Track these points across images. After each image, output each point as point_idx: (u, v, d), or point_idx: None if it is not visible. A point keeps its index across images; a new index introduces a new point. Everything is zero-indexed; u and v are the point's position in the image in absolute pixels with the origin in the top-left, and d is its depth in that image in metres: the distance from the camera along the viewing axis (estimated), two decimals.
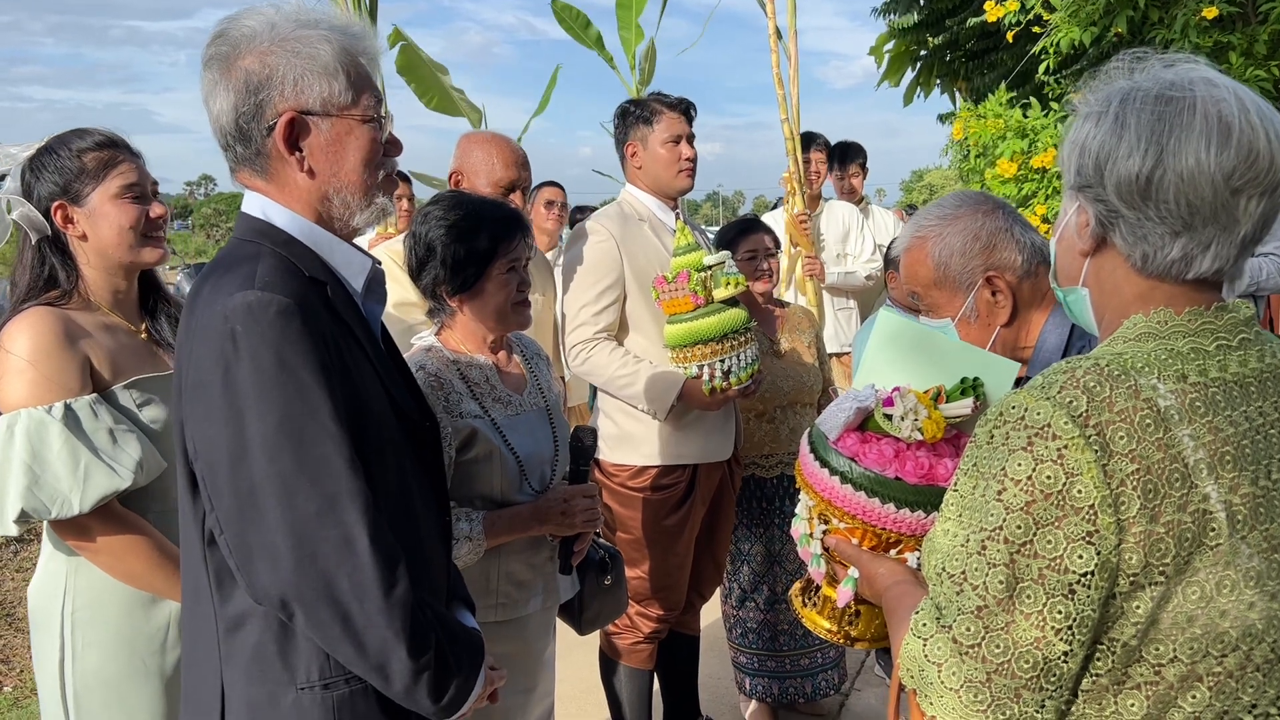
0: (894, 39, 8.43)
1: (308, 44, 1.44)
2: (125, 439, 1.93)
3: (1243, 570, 1.08)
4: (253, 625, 1.42)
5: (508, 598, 2.25)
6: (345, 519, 1.34)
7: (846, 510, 1.47)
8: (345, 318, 1.47)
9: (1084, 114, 1.21)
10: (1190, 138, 1.10)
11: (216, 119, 1.47)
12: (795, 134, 5.25)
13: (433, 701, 1.42)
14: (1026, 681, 1.08)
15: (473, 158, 2.97)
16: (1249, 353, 1.16)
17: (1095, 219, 1.19)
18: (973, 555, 1.10)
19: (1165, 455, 1.07)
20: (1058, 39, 5.83)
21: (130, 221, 2.03)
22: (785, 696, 3.64)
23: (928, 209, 1.87)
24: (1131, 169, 1.13)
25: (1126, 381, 1.10)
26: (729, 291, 2.97)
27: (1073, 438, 1.07)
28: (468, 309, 2.23)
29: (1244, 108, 1.11)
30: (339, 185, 1.48)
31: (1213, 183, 1.10)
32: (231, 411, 1.33)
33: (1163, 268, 1.16)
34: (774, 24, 5.21)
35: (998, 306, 1.75)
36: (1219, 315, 1.16)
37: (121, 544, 1.92)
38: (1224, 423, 1.10)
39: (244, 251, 1.45)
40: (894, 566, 1.43)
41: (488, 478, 2.19)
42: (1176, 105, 1.12)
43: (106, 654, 1.98)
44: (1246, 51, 5.49)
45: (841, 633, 1.60)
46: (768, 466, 3.58)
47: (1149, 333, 1.16)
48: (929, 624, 1.15)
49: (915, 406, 1.48)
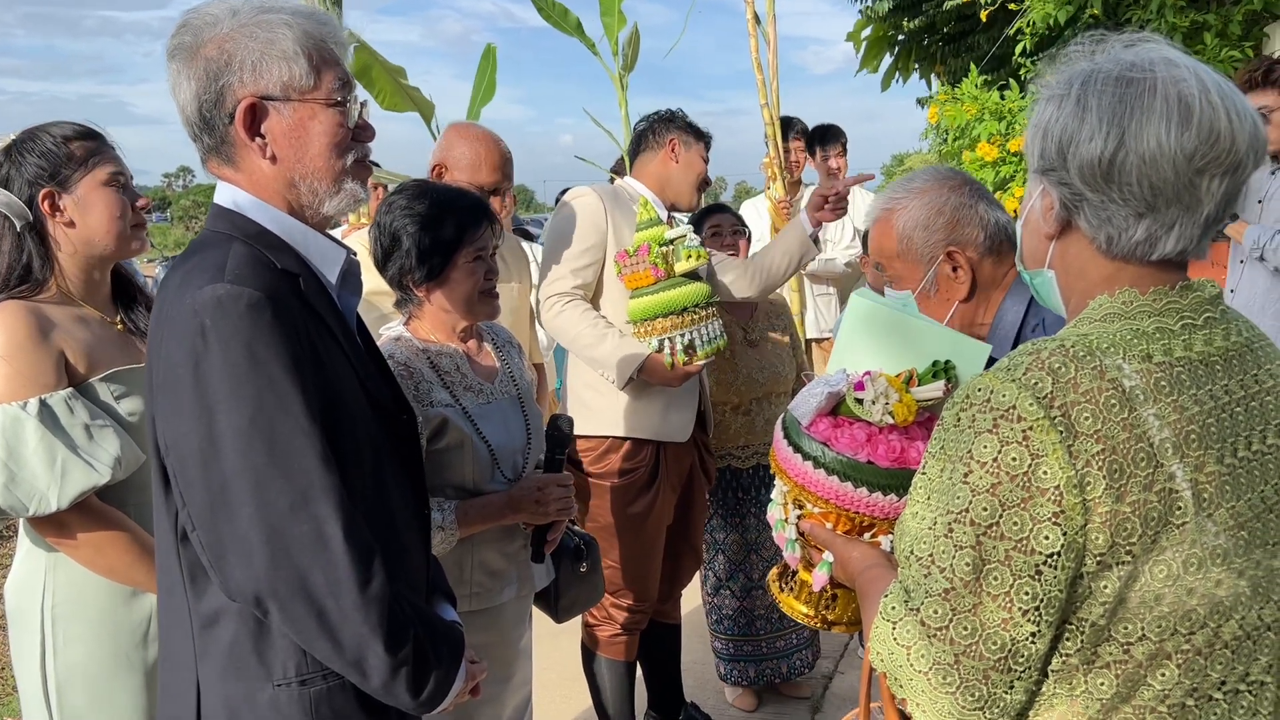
0: (871, 24, 8.42)
1: (267, 28, 1.42)
2: (102, 434, 1.91)
3: (1209, 548, 1.09)
4: (227, 622, 1.41)
5: (481, 587, 2.24)
6: (319, 514, 1.33)
7: (820, 495, 1.48)
8: (319, 310, 1.46)
9: (1046, 97, 1.21)
10: (1151, 119, 1.10)
11: (183, 109, 1.45)
12: (775, 120, 5.24)
13: (412, 696, 1.41)
14: (995, 663, 1.08)
15: (457, 152, 2.93)
16: (1214, 331, 1.17)
17: (1060, 202, 1.20)
18: (940, 538, 1.11)
19: (1130, 435, 1.07)
20: (1033, 17, 5.84)
21: (119, 210, 2.03)
22: (762, 679, 3.69)
23: (897, 183, 1.90)
24: (1094, 151, 1.13)
25: (1091, 362, 1.10)
26: (690, 265, 2.99)
27: (1038, 419, 1.07)
28: (435, 298, 2.21)
29: (1204, 87, 1.11)
30: (304, 171, 1.46)
31: (1175, 163, 1.10)
32: (202, 407, 1.32)
33: (1128, 249, 1.17)
34: (752, 9, 5.20)
35: (957, 281, 1.78)
36: (1184, 294, 1.17)
37: (101, 539, 1.91)
38: (1189, 401, 1.11)
39: (214, 243, 1.44)
40: (867, 550, 1.44)
41: (459, 467, 2.18)
42: (1137, 86, 1.12)
43: (88, 648, 1.97)
44: (1221, 32, 5.51)
45: (818, 617, 1.61)
46: (743, 457, 3.59)
47: (1114, 313, 1.16)
48: (897, 607, 1.15)
49: (886, 390, 1.48)
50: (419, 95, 7.10)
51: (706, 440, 3.34)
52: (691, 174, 3.22)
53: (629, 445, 3.12)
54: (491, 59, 8.49)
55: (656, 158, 3.23)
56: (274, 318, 1.34)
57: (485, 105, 8.51)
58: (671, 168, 3.21)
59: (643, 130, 3.29)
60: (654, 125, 3.26)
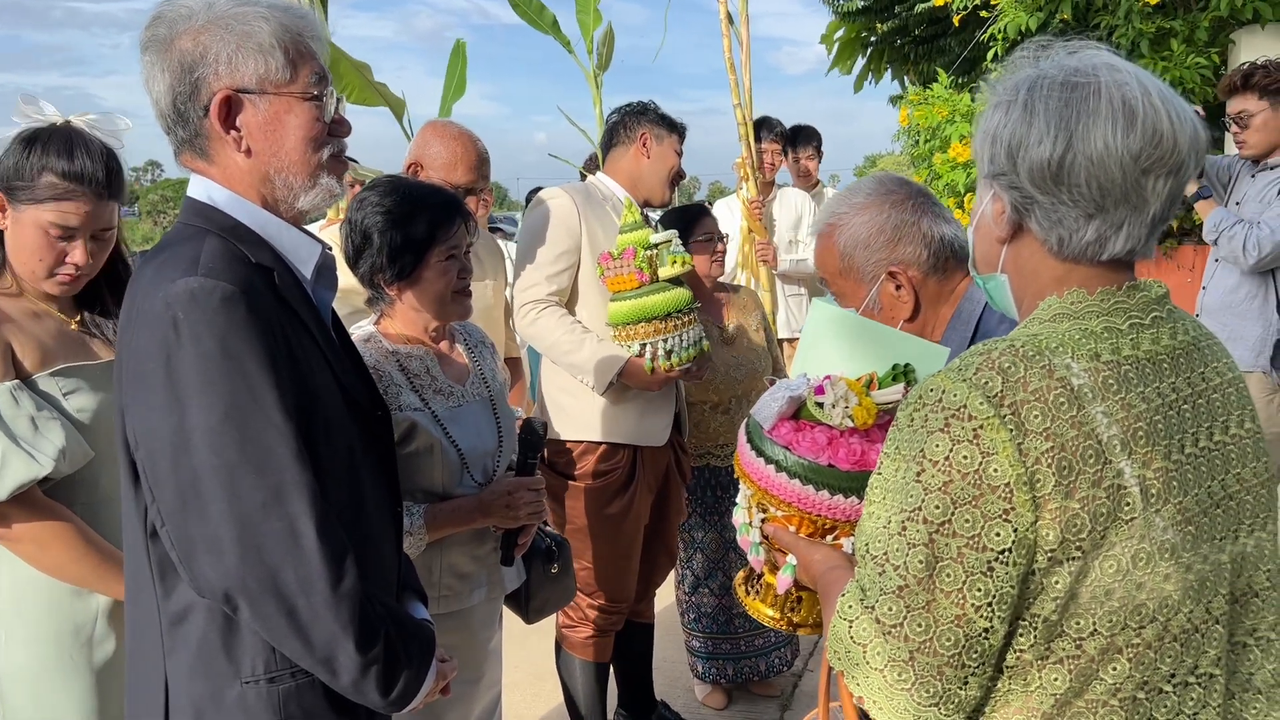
0: (843, 25, 8.47)
1: (243, 21, 1.41)
2: (48, 426, 1.86)
3: (1157, 543, 1.11)
4: (196, 619, 1.39)
5: (450, 590, 2.22)
6: (291, 511, 1.32)
7: (782, 498, 1.49)
8: (293, 305, 1.45)
9: (994, 103, 1.24)
10: (1097, 122, 1.14)
11: (157, 102, 1.44)
12: (748, 120, 5.26)
13: (381, 695, 1.41)
14: (949, 659, 1.10)
15: (432, 151, 2.90)
16: (1161, 330, 1.20)
17: (1011, 205, 1.22)
18: (893, 536, 1.12)
19: (1079, 433, 1.09)
20: (1005, 23, 5.89)
21: (41, 254, 1.92)
22: (740, 676, 3.69)
23: (841, 194, 1.88)
24: (1043, 155, 1.16)
25: (1041, 361, 1.13)
26: (674, 270, 2.96)
27: (988, 417, 1.09)
28: (406, 297, 2.18)
29: (1146, 91, 1.15)
30: (279, 165, 1.46)
31: (1121, 164, 1.14)
32: (173, 401, 1.30)
33: (1078, 250, 1.19)
34: (725, 9, 5.21)
35: (900, 301, 1.76)
36: (1131, 294, 1.20)
37: (44, 534, 1.86)
38: (1136, 399, 1.13)
39: (187, 237, 1.42)
40: (829, 552, 1.45)
41: (428, 471, 2.16)
42: (1082, 91, 1.15)
43: (31, 649, 1.92)
44: (1188, 38, 5.59)
45: (784, 619, 1.62)
46: (723, 456, 3.59)
47: (1063, 313, 1.19)
48: (853, 605, 1.17)
49: (846, 394, 1.50)
50: (387, 91, 7.06)
51: (682, 441, 3.33)
52: (663, 169, 3.18)
53: (606, 448, 3.10)
54: (461, 55, 8.43)
55: (628, 153, 3.19)
56: (248, 312, 1.33)
57: (457, 101, 8.45)
58: (643, 163, 3.17)
59: (614, 124, 3.24)
60: (625, 119, 3.21)
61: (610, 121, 3.28)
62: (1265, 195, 3.61)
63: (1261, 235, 3.48)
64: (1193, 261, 5.57)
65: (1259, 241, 3.48)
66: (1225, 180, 3.86)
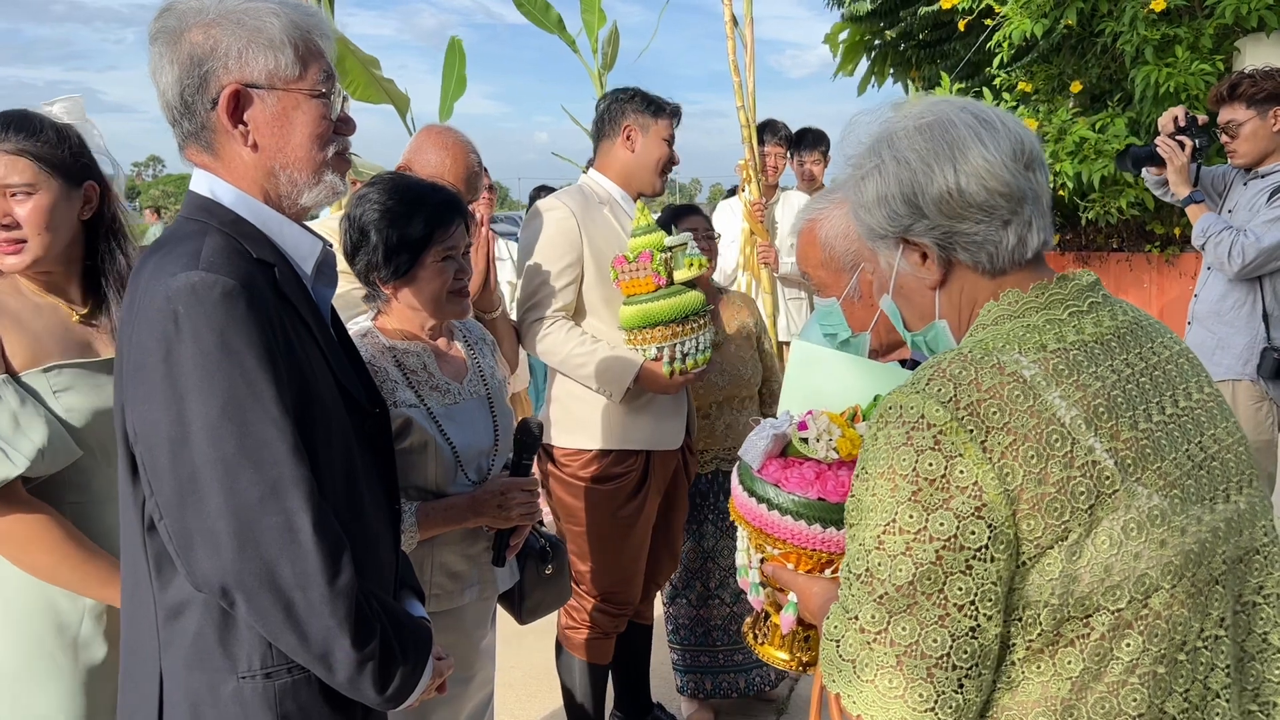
0: (848, 28, 8.46)
1: (254, 16, 1.42)
2: (30, 424, 1.82)
3: (1145, 511, 1.13)
4: (192, 613, 1.39)
5: (441, 589, 2.21)
6: (288, 506, 1.32)
7: (778, 536, 1.50)
8: (293, 301, 1.45)
9: (860, 176, 1.32)
10: (968, 143, 1.23)
11: (163, 94, 1.44)
12: (751, 122, 5.26)
13: (377, 692, 1.41)
14: (937, 660, 1.10)
15: (424, 157, 2.87)
16: (1101, 314, 1.25)
17: (935, 246, 1.28)
18: (871, 552, 1.14)
19: (1039, 420, 1.12)
20: (1010, 30, 5.89)
21: None
22: (719, 691, 3.59)
23: (821, 194, 1.97)
24: (941, 187, 1.24)
25: (989, 361, 1.16)
26: (691, 273, 2.94)
27: (946, 422, 1.12)
28: (402, 295, 2.17)
29: (984, 107, 1.26)
30: (285, 161, 1.46)
31: (1007, 167, 1.22)
32: (173, 394, 1.30)
33: (1007, 258, 1.26)
34: (730, 11, 5.21)
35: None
36: (1063, 285, 1.26)
37: (25, 533, 1.82)
38: (1090, 379, 1.17)
39: (189, 230, 1.42)
40: (827, 585, 1.46)
41: (422, 468, 2.15)
42: (938, 126, 1.25)
43: (10, 650, 1.89)
44: (1192, 45, 5.59)
45: (795, 660, 1.63)
46: (702, 462, 3.53)
47: (1003, 315, 1.24)
48: (839, 624, 1.18)
49: (828, 427, 1.53)
50: (393, 88, 7.05)
51: (690, 441, 3.31)
52: (651, 160, 3.11)
53: (619, 452, 3.08)
54: (459, 52, 8.42)
55: (614, 146, 3.12)
56: (248, 307, 1.33)
57: (457, 100, 8.44)
58: (629, 157, 3.11)
59: (600, 113, 3.16)
60: (610, 108, 3.13)
61: (598, 110, 3.20)
62: (1255, 203, 3.62)
63: (1247, 242, 3.49)
64: (1195, 269, 5.57)
65: (1244, 248, 3.49)
66: (1220, 189, 3.86)
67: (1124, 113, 5.86)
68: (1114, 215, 5.97)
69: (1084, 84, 6.25)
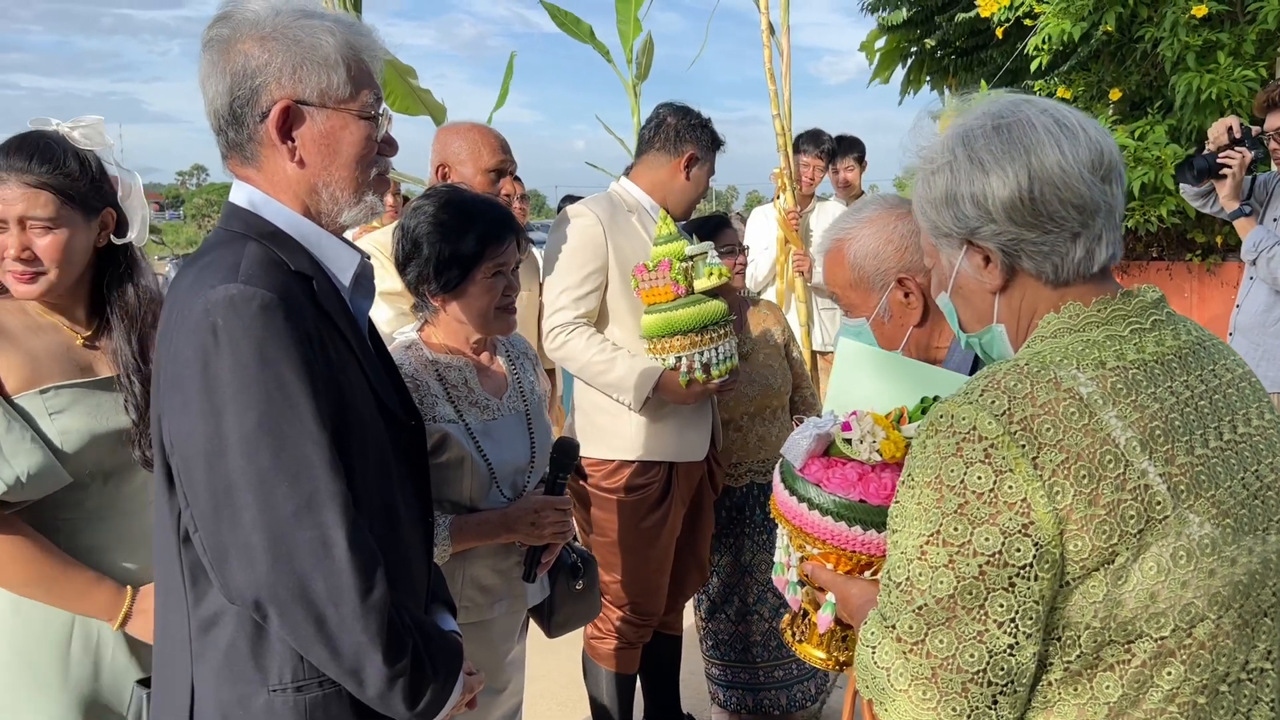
0: (885, 35, 8.42)
1: (310, 33, 1.42)
2: (16, 449, 1.79)
3: (1195, 539, 1.10)
4: (226, 625, 1.40)
5: (472, 602, 2.22)
6: (323, 520, 1.32)
7: (817, 536, 1.49)
8: (331, 313, 1.46)
9: (931, 171, 1.28)
10: (1045, 149, 1.19)
11: (211, 102, 1.45)
12: (787, 130, 5.24)
13: (408, 707, 1.41)
14: (973, 675, 1.09)
15: (455, 148, 2.93)
16: (1163, 332, 1.21)
17: (1000, 251, 1.24)
18: (913, 561, 1.13)
19: (1094, 440, 1.10)
20: (1048, 31, 5.82)
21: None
22: (760, 708, 3.56)
23: (847, 213, 1.94)
24: (1011, 193, 1.20)
25: (1046, 375, 1.14)
26: (711, 282, 2.92)
27: (998, 436, 1.10)
28: (450, 309, 2.19)
29: (1064, 111, 1.21)
30: (328, 179, 1.47)
31: (1083, 179, 1.19)
32: (210, 406, 1.31)
33: (1072, 270, 1.23)
34: (766, 19, 5.20)
35: (909, 307, 1.82)
36: (1126, 301, 1.22)
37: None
38: (1148, 400, 1.14)
39: (228, 242, 1.43)
40: (866, 587, 1.45)
41: (457, 483, 2.16)
42: (1018, 128, 1.21)
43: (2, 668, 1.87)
44: (1234, 51, 5.50)
45: (831, 659, 1.62)
46: (736, 475, 3.51)
47: (1063, 328, 1.21)
48: (875, 631, 1.17)
49: (872, 429, 1.50)
50: (430, 98, 7.11)
51: (715, 453, 3.29)
52: (696, 192, 3.14)
53: (642, 462, 3.07)
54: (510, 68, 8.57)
55: (667, 165, 3.10)
56: (286, 320, 1.34)
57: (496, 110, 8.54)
58: (679, 181, 3.11)
59: (662, 123, 3.11)
60: (677, 126, 3.09)
61: (659, 117, 3.14)
62: None
63: None
64: (1237, 278, 5.48)
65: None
66: (1262, 197, 3.79)
67: (1164, 120, 5.78)
68: (1154, 223, 5.88)
69: (1123, 91, 6.17)
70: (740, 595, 3.54)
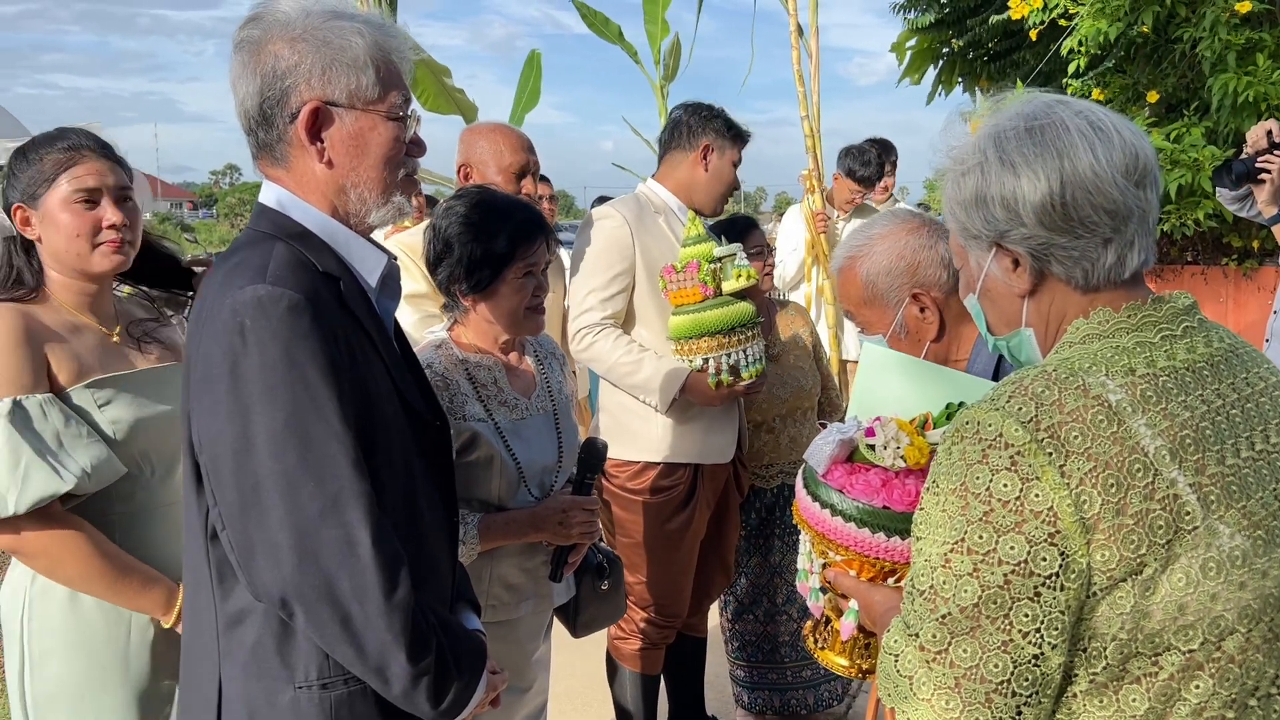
0: (916, 36, 8.36)
1: (339, 34, 1.43)
2: (75, 442, 1.85)
3: (1225, 551, 1.09)
4: (252, 622, 1.41)
5: (499, 600, 2.23)
6: (348, 519, 1.33)
7: (840, 543, 1.48)
8: (358, 314, 1.47)
9: (961, 172, 1.25)
10: (1078, 152, 1.16)
11: (242, 103, 1.46)
12: (815, 131, 5.22)
13: (432, 706, 1.41)
14: (997, 685, 1.08)
15: (478, 149, 2.93)
16: (1195, 339, 1.19)
17: (1029, 255, 1.22)
18: (937, 569, 1.11)
19: (1122, 448, 1.08)
20: (1083, 33, 5.75)
21: (77, 229, 1.92)
22: (787, 708, 3.56)
23: (857, 230, 1.94)
24: (1042, 197, 1.17)
25: (1074, 382, 1.12)
26: (740, 284, 2.90)
27: (1025, 443, 1.09)
28: (480, 309, 2.20)
29: (1099, 113, 1.18)
30: (356, 180, 1.47)
31: (1116, 184, 1.16)
32: (238, 406, 1.33)
33: (1103, 276, 1.21)
34: (795, 20, 5.19)
35: (925, 322, 1.82)
36: (1157, 307, 1.20)
37: (58, 548, 1.84)
38: (1179, 408, 1.12)
39: (256, 242, 1.45)
40: (889, 594, 1.44)
41: (486, 482, 2.17)
42: (1051, 130, 1.18)
43: (65, 662, 1.92)
44: (1275, 53, 5.41)
45: (854, 667, 1.62)
46: (767, 477, 3.50)
47: (1093, 334, 1.19)
48: (898, 639, 1.16)
49: (896, 434, 1.49)
50: (462, 97, 7.14)
51: (741, 455, 3.28)
52: (720, 184, 3.11)
53: (667, 464, 3.06)
54: (536, 65, 8.53)
55: (686, 160, 3.10)
56: (313, 321, 1.35)
57: (529, 111, 8.54)
58: (700, 174, 3.10)
59: (676, 122, 3.13)
60: (689, 121, 3.10)
61: (673, 118, 3.16)
62: None
63: None
64: (1275, 284, 5.39)
65: None
66: None
67: (1200, 122, 5.70)
68: (1190, 227, 5.80)
69: (1160, 93, 6.10)
70: (769, 596, 3.54)
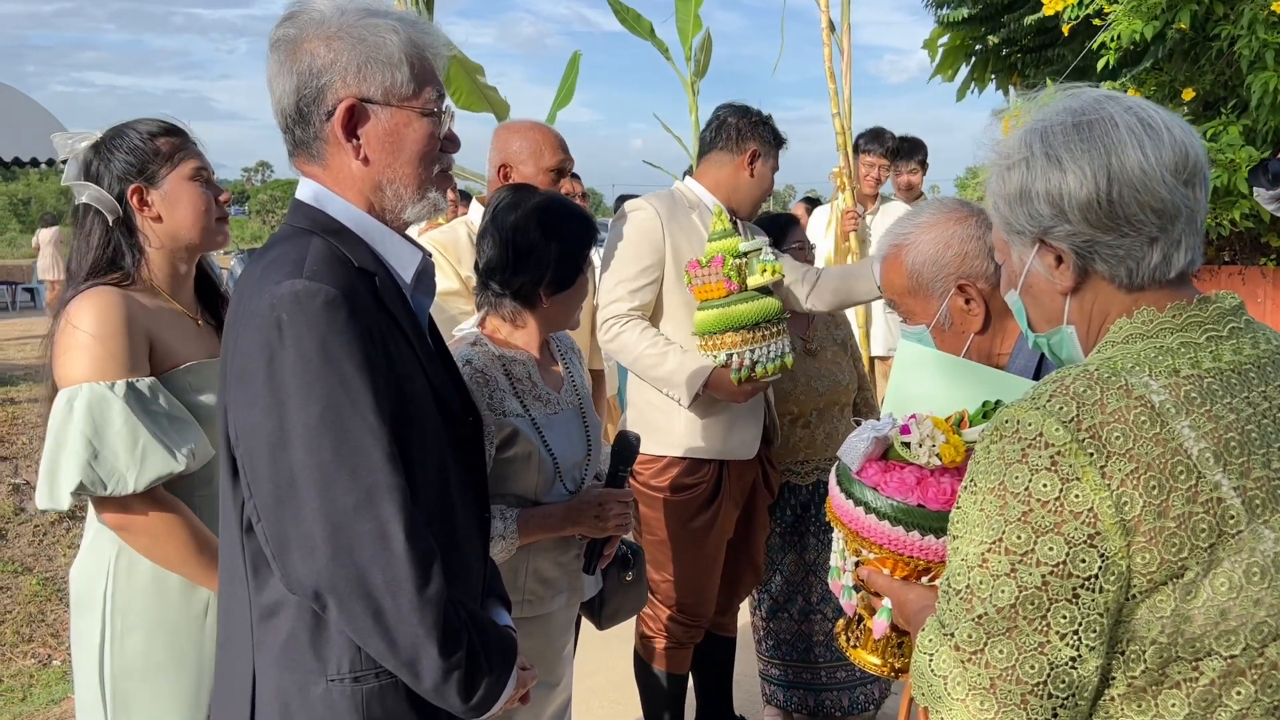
0: (948, 33, 8.29)
1: (374, 32, 1.44)
2: (181, 423, 1.95)
3: (1270, 556, 1.07)
4: (286, 614, 1.42)
5: (534, 595, 2.25)
6: (382, 513, 1.34)
7: (874, 541, 1.47)
8: (393, 310, 1.47)
9: (1006, 166, 1.23)
10: (1126, 149, 1.14)
11: (279, 101, 1.47)
12: (846, 129, 5.20)
13: (462, 700, 1.42)
14: (1033, 687, 1.07)
15: (515, 147, 2.94)
16: (1241, 341, 1.16)
17: (1073, 252, 1.20)
18: (974, 569, 1.10)
19: (1165, 450, 1.06)
20: (1118, 31, 5.68)
21: (204, 205, 2.08)
22: (821, 709, 3.53)
23: (904, 218, 1.91)
24: (1088, 194, 1.15)
25: (1117, 382, 1.10)
26: (765, 279, 2.90)
27: (1065, 443, 1.07)
28: (553, 307, 2.24)
29: (1150, 110, 1.16)
30: (392, 176, 1.48)
31: (1164, 182, 1.14)
32: (274, 400, 1.34)
33: (1148, 275, 1.18)
34: (827, 17, 5.16)
35: (970, 314, 1.79)
36: (1203, 307, 1.17)
37: (161, 528, 1.93)
38: (1224, 410, 1.10)
39: (293, 237, 1.46)
40: (923, 593, 1.43)
41: (524, 477, 2.19)
42: (1099, 126, 1.16)
43: (147, 638, 1.99)
44: None
45: (886, 665, 1.60)
46: (803, 473, 3.49)
47: (1136, 333, 1.17)
48: (933, 638, 1.15)
49: (932, 432, 1.47)
50: (495, 95, 7.15)
51: (770, 454, 3.27)
52: (762, 190, 3.13)
53: (691, 461, 3.06)
54: (575, 66, 8.54)
55: (730, 163, 3.09)
56: (349, 316, 1.36)
57: (561, 109, 8.55)
58: (743, 178, 3.10)
59: (724, 123, 3.11)
60: (739, 125, 3.09)
61: (720, 118, 3.14)
62: None
63: None
64: None
65: None
66: None
67: (1238, 121, 5.62)
68: (1226, 227, 5.72)
69: (1197, 91, 6.01)
70: (804, 594, 3.52)
